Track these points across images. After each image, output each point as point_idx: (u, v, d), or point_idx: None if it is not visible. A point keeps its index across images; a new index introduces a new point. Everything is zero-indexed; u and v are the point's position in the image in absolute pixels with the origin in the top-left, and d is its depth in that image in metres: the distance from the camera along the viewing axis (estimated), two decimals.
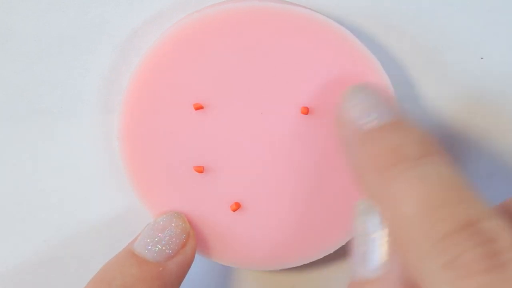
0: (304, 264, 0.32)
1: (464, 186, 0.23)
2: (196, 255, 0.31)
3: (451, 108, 0.33)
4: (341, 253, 0.33)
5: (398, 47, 0.33)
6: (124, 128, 0.30)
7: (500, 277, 0.21)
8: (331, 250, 0.32)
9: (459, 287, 0.21)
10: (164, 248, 0.29)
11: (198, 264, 0.33)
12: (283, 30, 0.30)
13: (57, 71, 0.32)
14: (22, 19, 0.32)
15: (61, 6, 0.32)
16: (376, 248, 0.26)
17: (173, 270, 0.29)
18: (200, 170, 0.31)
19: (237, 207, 0.31)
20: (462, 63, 0.33)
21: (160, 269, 0.29)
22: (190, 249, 0.30)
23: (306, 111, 0.30)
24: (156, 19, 0.32)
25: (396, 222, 0.24)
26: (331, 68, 0.30)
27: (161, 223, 0.30)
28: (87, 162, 0.33)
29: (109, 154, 0.33)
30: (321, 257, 0.32)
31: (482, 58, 0.33)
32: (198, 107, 0.30)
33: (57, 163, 0.33)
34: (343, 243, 0.32)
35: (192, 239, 0.30)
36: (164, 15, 0.32)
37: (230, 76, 0.30)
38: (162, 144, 0.30)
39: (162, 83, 0.30)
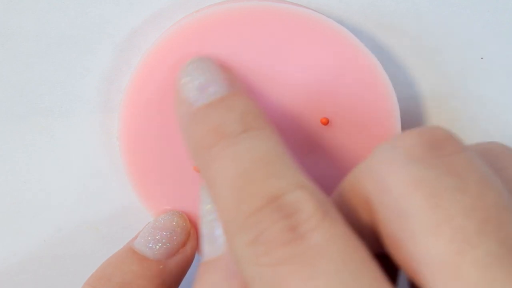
0: None
1: (278, 159, 0.23)
2: (196, 255, 0.31)
3: (451, 108, 0.33)
4: None
5: (398, 47, 0.33)
6: (124, 127, 0.30)
7: (298, 249, 0.21)
8: None
9: (261, 263, 0.21)
10: (164, 246, 0.29)
11: (198, 264, 0.33)
12: (283, 30, 0.30)
13: (57, 71, 0.32)
14: (22, 19, 0.32)
15: (61, 6, 0.32)
16: (214, 228, 0.26)
17: (173, 269, 0.29)
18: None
19: None
20: (462, 63, 0.33)
21: (161, 267, 0.29)
22: (190, 248, 0.30)
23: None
24: (156, 18, 0.32)
25: (215, 203, 0.24)
26: (331, 68, 0.30)
27: (162, 221, 0.30)
28: (87, 162, 0.33)
29: (109, 154, 0.33)
30: None
31: (482, 58, 0.33)
32: None
33: (57, 163, 0.33)
34: None
35: (192, 239, 0.30)
36: (164, 14, 0.32)
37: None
38: (162, 143, 0.30)
39: (162, 83, 0.30)
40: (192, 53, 0.30)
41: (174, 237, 0.30)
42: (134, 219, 0.33)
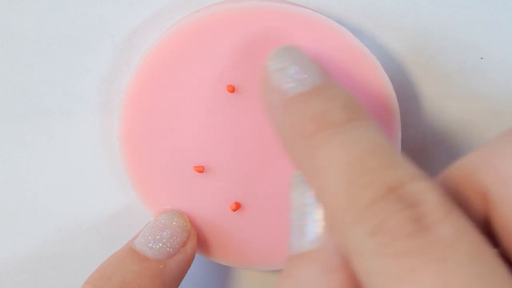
0: None
1: (388, 150, 0.23)
2: (196, 255, 0.31)
3: (451, 108, 0.33)
4: None
5: (398, 47, 0.33)
6: (124, 127, 0.30)
7: (424, 240, 0.20)
8: None
9: (383, 253, 0.20)
10: (165, 246, 0.29)
11: (198, 264, 0.33)
12: (283, 30, 0.30)
13: (57, 71, 0.32)
14: (22, 19, 0.32)
15: (61, 6, 0.32)
16: (311, 220, 0.25)
17: (173, 269, 0.29)
18: (200, 170, 0.31)
19: (237, 207, 0.31)
20: (462, 63, 0.33)
21: (161, 266, 0.29)
22: (191, 248, 0.30)
23: None
24: (156, 18, 0.32)
25: (322, 193, 0.23)
26: (331, 68, 0.30)
27: (163, 221, 0.30)
28: (87, 162, 0.33)
29: (109, 154, 0.33)
30: None
31: (482, 58, 0.33)
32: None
33: (57, 163, 0.33)
34: None
35: (192, 238, 0.30)
36: (164, 14, 0.32)
37: (229, 76, 0.30)
38: (162, 143, 0.30)
39: (162, 83, 0.30)
40: (192, 53, 0.30)
41: (174, 237, 0.30)
42: (134, 219, 0.33)
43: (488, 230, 0.23)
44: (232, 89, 0.30)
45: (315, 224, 0.25)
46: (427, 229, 0.20)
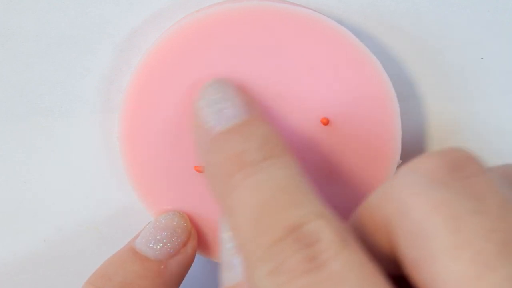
0: None
1: (295, 188, 0.23)
2: (197, 255, 0.31)
3: (451, 108, 0.33)
4: None
5: (398, 47, 0.33)
6: (124, 127, 0.30)
7: (318, 277, 0.21)
8: None
9: None
10: (165, 246, 0.29)
11: (198, 264, 0.33)
12: (283, 30, 0.30)
13: (57, 71, 0.32)
14: (22, 19, 0.32)
15: (61, 6, 0.32)
16: (233, 255, 0.26)
17: (174, 269, 0.29)
18: (200, 170, 0.31)
19: None
20: (462, 63, 0.33)
21: (162, 267, 0.29)
22: (191, 248, 0.30)
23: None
24: (156, 18, 0.32)
25: (234, 232, 0.24)
26: (330, 68, 0.30)
27: (163, 221, 0.30)
28: (87, 162, 0.33)
29: (109, 154, 0.33)
30: None
31: (482, 58, 0.33)
32: None
33: (57, 163, 0.33)
34: None
35: (193, 239, 0.30)
36: (164, 14, 0.32)
37: (229, 76, 0.30)
38: (162, 143, 0.30)
39: (162, 83, 0.30)
40: (192, 53, 0.30)
41: (175, 237, 0.30)
42: (134, 219, 0.33)
43: (394, 259, 0.23)
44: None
45: (236, 262, 0.26)
46: (321, 266, 0.21)
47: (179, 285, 0.30)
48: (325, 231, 0.22)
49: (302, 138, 0.31)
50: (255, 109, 0.27)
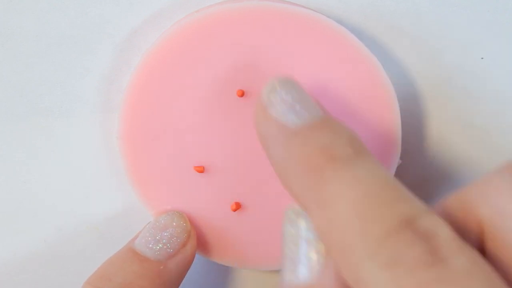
0: None
1: (398, 185, 0.23)
2: (196, 255, 0.31)
3: (451, 108, 0.33)
4: None
5: (398, 47, 0.33)
6: (124, 127, 0.30)
7: (441, 272, 0.21)
8: None
9: (400, 285, 0.21)
10: (165, 247, 0.29)
11: (198, 264, 0.33)
12: (283, 30, 0.30)
13: (57, 71, 0.32)
14: (22, 19, 0.32)
15: (61, 6, 0.32)
16: (305, 255, 0.25)
17: (173, 269, 0.29)
18: (201, 170, 0.31)
19: (237, 207, 0.31)
20: (462, 63, 0.33)
21: (161, 267, 0.29)
22: (191, 248, 0.30)
23: None
24: (156, 18, 0.32)
25: (332, 226, 0.23)
26: (331, 68, 0.30)
27: (163, 221, 0.30)
28: (87, 162, 0.33)
29: (109, 154, 0.33)
30: None
31: (482, 58, 0.33)
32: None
33: (57, 163, 0.33)
34: None
35: (192, 239, 0.30)
36: (164, 14, 0.32)
37: (229, 76, 0.30)
38: (162, 143, 0.30)
39: (162, 83, 0.30)
40: (192, 53, 0.30)
41: (175, 238, 0.30)
42: (134, 219, 0.33)
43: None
44: (242, 93, 0.30)
45: (310, 259, 0.25)
46: (444, 261, 0.21)
47: (179, 285, 0.30)
48: (441, 227, 0.22)
49: None
50: (327, 111, 0.26)
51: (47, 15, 0.32)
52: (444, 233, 0.21)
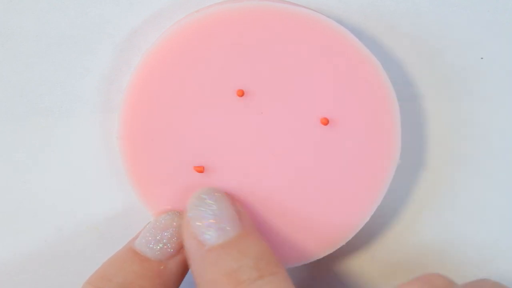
0: (305, 264, 0.32)
1: None
2: None
3: (451, 108, 0.33)
4: (341, 253, 0.33)
5: (398, 47, 0.33)
6: (124, 127, 0.30)
7: None
8: (331, 250, 0.32)
9: None
10: (165, 247, 0.29)
11: None
12: (283, 30, 0.30)
13: (57, 71, 0.32)
14: (22, 19, 0.32)
15: (61, 6, 0.32)
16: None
17: (174, 269, 0.29)
18: (200, 170, 0.31)
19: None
20: (462, 63, 0.33)
21: (161, 267, 0.29)
22: None
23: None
24: (156, 18, 0.32)
25: None
26: (330, 68, 0.30)
27: (163, 221, 0.30)
28: (87, 162, 0.33)
29: (109, 154, 0.33)
30: (321, 257, 0.32)
31: (482, 58, 0.33)
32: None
33: (57, 162, 0.33)
34: (343, 243, 0.32)
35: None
36: (164, 14, 0.32)
37: (229, 76, 0.30)
38: (162, 143, 0.30)
39: (162, 83, 0.30)
40: (192, 53, 0.30)
41: (175, 238, 0.30)
42: (134, 219, 0.33)
43: None
44: (241, 93, 0.30)
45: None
46: None
47: (179, 285, 0.30)
48: None
49: (302, 138, 0.31)
50: (248, 223, 0.28)
51: (47, 15, 0.32)
52: None
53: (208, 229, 0.28)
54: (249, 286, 0.25)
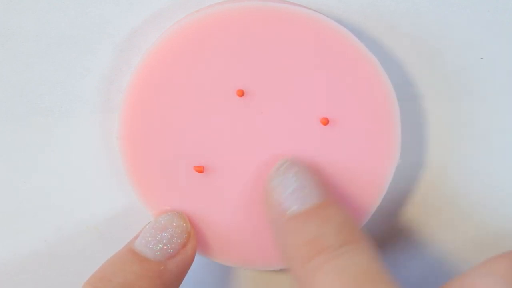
0: None
1: (376, 274, 0.25)
2: (196, 255, 0.31)
3: (451, 108, 0.33)
4: None
5: (398, 47, 0.33)
6: (124, 127, 0.30)
7: None
8: None
9: None
10: (165, 247, 0.29)
11: (198, 264, 0.33)
12: (283, 30, 0.30)
13: (57, 71, 0.32)
14: (22, 19, 0.32)
15: (61, 6, 0.32)
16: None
17: (174, 270, 0.29)
18: (200, 170, 0.31)
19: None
20: (462, 63, 0.33)
21: (161, 268, 0.29)
22: (191, 249, 0.30)
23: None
24: (156, 18, 0.32)
25: None
26: (331, 68, 0.30)
27: (162, 222, 0.30)
28: (87, 162, 0.33)
29: (109, 154, 0.33)
30: None
31: (482, 58, 0.33)
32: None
33: (57, 162, 0.33)
34: None
35: (192, 239, 0.30)
36: (164, 14, 0.32)
37: (229, 76, 0.30)
38: (162, 143, 0.30)
39: (162, 83, 0.30)
40: (192, 53, 0.30)
41: (175, 238, 0.30)
42: (134, 219, 0.33)
43: None
44: (241, 93, 0.30)
45: None
46: None
47: (179, 285, 0.30)
48: None
49: (302, 138, 0.31)
50: (329, 192, 0.28)
51: (47, 15, 0.32)
52: None
53: (291, 196, 0.28)
54: (332, 253, 0.25)
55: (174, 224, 0.30)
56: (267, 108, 0.30)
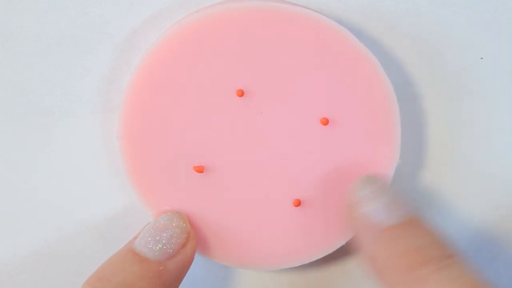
0: (304, 264, 0.32)
1: (486, 285, 0.25)
2: (196, 255, 0.31)
3: (451, 108, 0.33)
4: (341, 253, 0.33)
5: (398, 47, 0.33)
6: (124, 127, 0.30)
7: None
8: (331, 250, 0.32)
9: None
10: (165, 247, 0.29)
11: (198, 264, 0.33)
12: (283, 30, 0.30)
13: (57, 71, 0.32)
14: (22, 19, 0.32)
15: (61, 6, 0.32)
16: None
17: (173, 270, 0.29)
18: (200, 170, 0.31)
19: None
20: (462, 63, 0.33)
21: (161, 268, 0.29)
22: (190, 249, 0.30)
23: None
24: (156, 18, 0.32)
25: None
26: (331, 68, 0.30)
27: (162, 222, 0.30)
28: (87, 162, 0.33)
29: (109, 154, 0.33)
30: (321, 257, 0.32)
31: (482, 58, 0.33)
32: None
33: (57, 162, 0.33)
34: (343, 243, 0.32)
35: (192, 239, 0.30)
36: (164, 14, 0.32)
37: (229, 76, 0.30)
38: (162, 144, 0.30)
39: (162, 83, 0.30)
40: (192, 53, 0.30)
41: (174, 238, 0.30)
42: (134, 219, 0.33)
43: None
44: (241, 93, 0.30)
45: None
46: None
47: (178, 286, 0.30)
48: None
49: (302, 138, 0.31)
50: (417, 210, 0.28)
51: (47, 15, 0.32)
52: None
53: (384, 208, 0.28)
54: (438, 264, 0.25)
55: (174, 224, 0.30)
56: (267, 108, 0.30)
